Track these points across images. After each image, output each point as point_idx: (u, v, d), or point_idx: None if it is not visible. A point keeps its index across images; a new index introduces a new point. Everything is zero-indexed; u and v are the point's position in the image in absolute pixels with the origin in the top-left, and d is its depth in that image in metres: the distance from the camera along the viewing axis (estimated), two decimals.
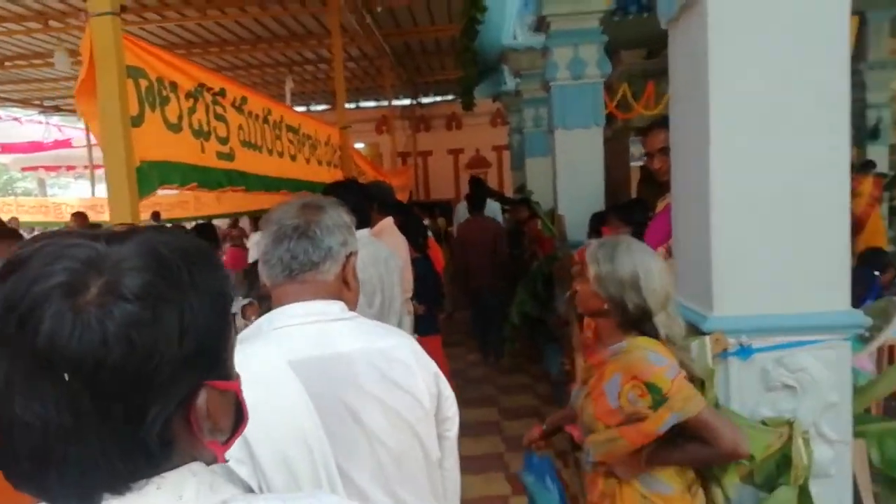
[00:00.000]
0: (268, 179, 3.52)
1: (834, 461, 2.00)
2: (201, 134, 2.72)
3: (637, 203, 4.19)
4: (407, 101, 12.62)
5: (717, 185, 1.94)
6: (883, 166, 10.08)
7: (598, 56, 5.27)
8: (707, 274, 1.99)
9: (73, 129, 12.72)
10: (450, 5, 7.06)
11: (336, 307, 1.23)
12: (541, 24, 5.51)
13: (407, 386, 1.19)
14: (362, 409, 1.15)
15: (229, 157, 3.00)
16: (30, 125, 11.75)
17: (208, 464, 0.60)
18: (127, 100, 2.05)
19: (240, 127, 3.14)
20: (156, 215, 10.14)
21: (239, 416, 0.64)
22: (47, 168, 14.82)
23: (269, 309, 1.24)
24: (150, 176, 2.21)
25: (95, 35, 1.96)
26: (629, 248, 1.69)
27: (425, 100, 13.65)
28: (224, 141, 2.95)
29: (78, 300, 0.52)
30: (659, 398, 1.54)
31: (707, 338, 1.93)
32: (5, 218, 9.84)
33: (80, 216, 6.59)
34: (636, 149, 11.92)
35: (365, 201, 2.70)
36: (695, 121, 2.04)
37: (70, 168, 14.78)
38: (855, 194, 8.42)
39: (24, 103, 10.79)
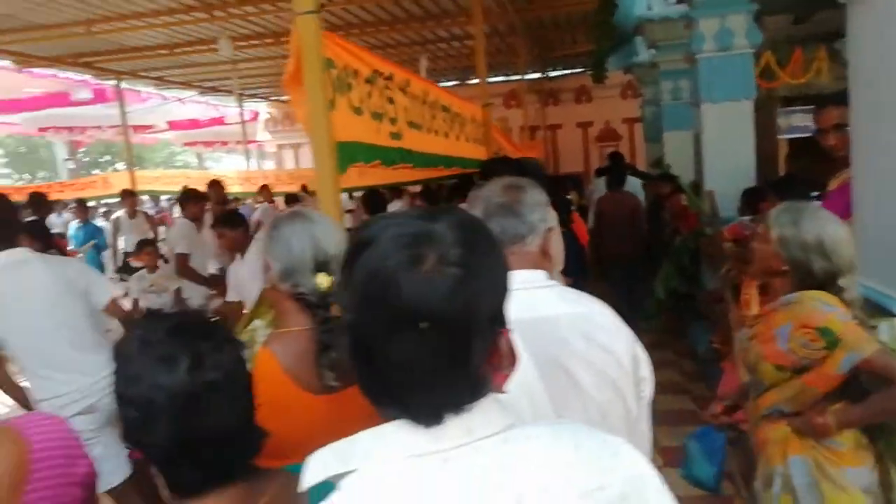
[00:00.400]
0: (428, 156, 3.74)
1: None
2: (377, 116, 2.95)
3: (796, 179, 4.01)
4: (536, 75, 12.54)
5: None
6: None
7: (746, 25, 5.02)
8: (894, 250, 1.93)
9: (226, 107, 13.83)
10: None
11: (540, 275, 1.36)
12: None
13: (608, 346, 1.30)
14: (571, 366, 1.27)
15: (398, 136, 3.22)
16: (191, 105, 12.92)
17: (496, 393, 0.76)
18: (327, 87, 2.29)
19: (405, 108, 3.35)
20: (303, 187, 10.89)
21: (513, 355, 0.78)
22: (205, 143, 16.28)
23: None
24: (344, 154, 2.45)
25: (301, 31, 2.20)
26: (814, 214, 1.73)
27: (554, 73, 13.49)
28: (394, 121, 3.17)
29: (422, 268, 0.67)
30: (832, 339, 1.60)
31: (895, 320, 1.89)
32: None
33: (216, 184, 7.66)
34: (783, 120, 11.14)
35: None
36: (881, 98, 1.97)
37: (223, 143, 16.14)
38: None
39: (187, 85, 11.88)
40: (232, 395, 0.96)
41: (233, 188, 11.54)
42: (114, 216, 8.30)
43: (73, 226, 9.02)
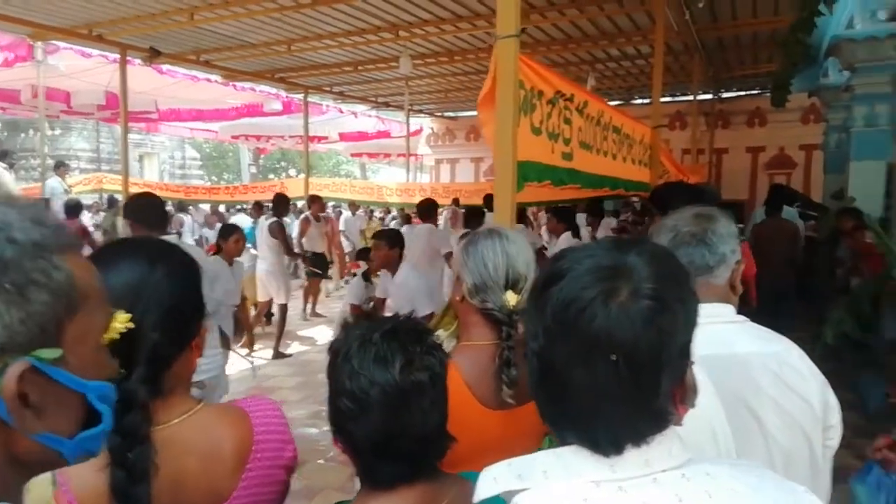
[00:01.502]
0: (595, 177, 3.78)
1: None
2: (553, 136, 3.06)
3: None
4: (707, 96, 11.99)
5: None
6: None
7: None
8: None
9: (392, 121, 14.70)
10: None
11: (727, 310, 1.35)
12: None
13: (799, 390, 1.27)
14: (759, 407, 1.26)
15: (569, 156, 3.30)
16: (362, 118, 13.89)
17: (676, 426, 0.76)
18: (517, 109, 2.43)
19: (580, 129, 3.42)
20: (455, 201, 11.32)
21: (694, 389, 0.78)
22: (370, 155, 17.41)
23: None
24: (521, 173, 2.58)
25: (500, 54, 2.37)
26: None
27: (727, 94, 12.80)
28: (567, 142, 3.25)
29: (616, 300, 0.69)
30: None
31: None
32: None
33: (314, 199, 8.44)
34: None
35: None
36: None
37: (386, 155, 17.14)
38: None
39: (362, 99, 12.79)
40: (434, 397, 1.01)
41: (390, 198, 12.24)
42: (301, 217, 9.10)
43: (249, 225, 9.93)
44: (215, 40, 8.20)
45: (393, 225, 12.38)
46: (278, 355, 7.18)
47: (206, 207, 13.67)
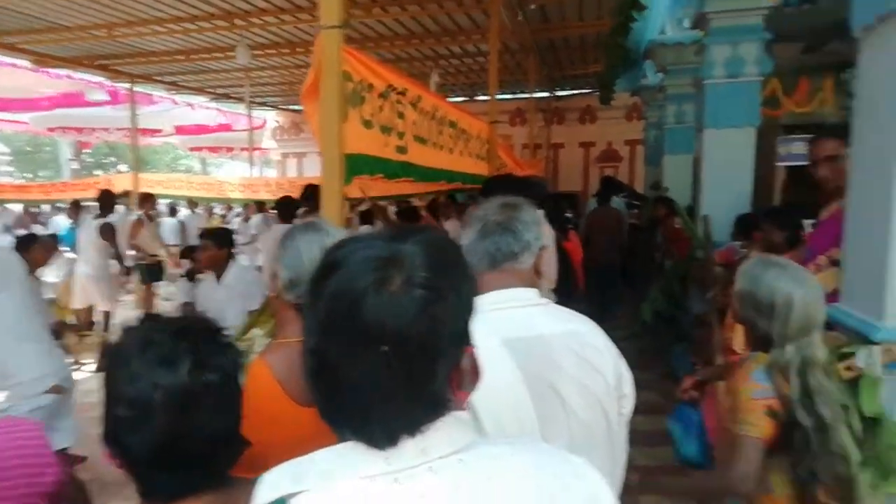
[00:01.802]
0: (430, 170, 3.83)
1: None
2: (386, 130, 3.05)
3: (792, 209, 4.09)
4: (543, 94, 12.69)
5: None
6: None
7: (757, 54, 5.12)
8: (881, 283, 2.02)
9: (234, 114, 13.99)
10: (600, 2, 7.08)
11: (532, 293, 1.41)
12: (699, 21, 5.42)
13: (598, 366, 1.35)
14: (562, 385, 1.31)
15: (404, 150, 3.31)
16: (200, 110, 13.07)
17: (457, 411, 0.77)
18: (344, 101, 2.39)
19: (414, 123, 3.45)
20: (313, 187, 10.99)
21: (476, 373, 0.79)
22: (210, 149, 16.43)
23: None
24: (350, 166, 2.55)
25: (324, 45, 2.31)
26: (779, 275, 1.72)
27: (561, 92, 13.64)
28: (401, 136, 3.27)
29: (388, 290, 0.68)
30: (734, 403, 1.69)
31: (876, 347, 1.97)
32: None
33: (146, 197, 8.07)
34: (783, 148, 11.24)
35: (521, 195, 2.91)
36: (881, 133, 2.06)
37: (229, 149, 16.28)
38: None
39: (199, 90, 12.04)
40: (224, 400, 0.96)
41: (233, 194, 11.64)
42: (132, 218, 8.37)
43: (66, 226, 9.02)
44: (20, 21, 7.29)
45: (236, 222, 11.80)
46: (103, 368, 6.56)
47: (15, 208, 12.16)
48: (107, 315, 6.75)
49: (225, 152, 17.31)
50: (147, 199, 8.46)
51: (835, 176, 2.61)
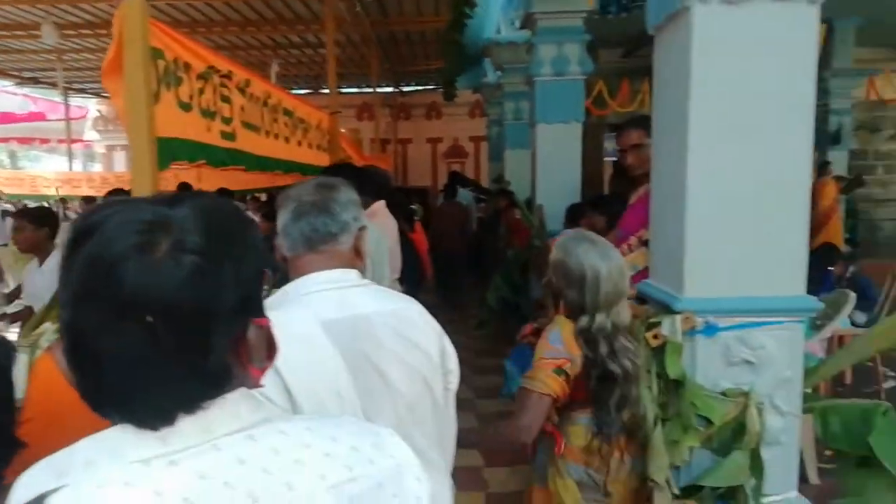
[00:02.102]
0: (264, 160, 3.65)
1: (784, 430, 2.25)
2: (208, 114, 2.85)
3: (612, 197, 4.43)
4: (389, 89, 12.72)
5: (693, 182, 2.16)
6: (842, 170, 10.56)
7: (580, 54, 5.48)
8: (680, 260, 2.21)
9: (48, 101, 12.51)
10: None
11: (352, 275, 1.37)
12: (527, 21, 5.70)
13: (418, 342, 1.35)
14: (383, 363, 1.29)
15: (231, 136, 3.13)
16: (5, 96, 11.54)
17: (250, 388, 0.72)
18: (152, 79, 2.18)
19: (242, 108, 3.26)
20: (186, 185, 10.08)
21: (271, 348, 0.74)
22: (20, 140, 14.58)
23: (282, 278, 1.38)
24: (165, 151, 2.34)
25: (125, 17, 2.09)
26: (588, 249, 1.86)
27: (407, 88, 13.76)
28: (228, 121, 3.08)
29: (153, 256, 0.61)
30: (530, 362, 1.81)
31: (678, 317, 2.15)
32: None
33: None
34: (610, 144, 12.23)
35: (360, 184, 2.86)
36: (675, 123, 2.25)
37: (44, 141, 14.56)
38: (819, 196, 8.85)
39: (2, 73, 10.61)
40: None
41: (48, 191, 10.45)
42: None
43: None
44: None
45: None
46: None
47: None
48: None
49: (39, 144, 15.45)
50: None
51: (640, 163, 2.83)
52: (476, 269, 8.32)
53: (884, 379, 4.55)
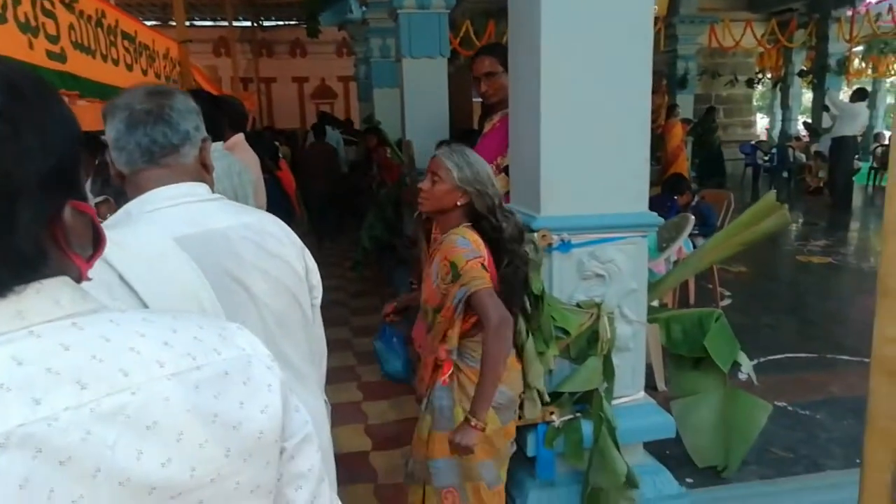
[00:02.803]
0: (103, 87, 3.29)
1: (632, 337, 2.45)
2: (28, 28, 2.51)
3: (480, 132, 4.48)
4: (247, 23, 11.91)
5: (546, 106, 2.24)
6: (688, 113, 11.45)
7: None
8: (536, 182, 2.30)
9: None
10: None
11: (202, 188, 1.28)
12: None
13: (280, 254, 1.30)
14: (247, 277, 1.24)
15: (61, 57, 2.79)
16: None
17: (77, 281, 0.66)
18: None
19: (71, 26, 2.90)
20: None
21: (97, 240, 0.69)
22: None
23: (125, 204, 1.27)
24: None
25: None
26: (475, 154, 1.98)
27: (267, 23, 12.97)
28: (54, 40, 2.73)
29: None
30: (455, 273, 1.83)
31: (536, 234, 2.25)
32: None
33: None
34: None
35: (218, 113, 2.67)
36: (528, 53, 2.29)
37: None
38: (669, 136, 9.55)
39: None
40: None
41: None
42: None
43: None
44: None
45: None
46: None
47: None
48: None
49: None
50: None
51: (493, 90, 2.84)
52: (351, 211, 8.25)
53: (721, 298, 5.09)
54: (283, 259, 1.30)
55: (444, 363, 1.95)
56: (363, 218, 6.67)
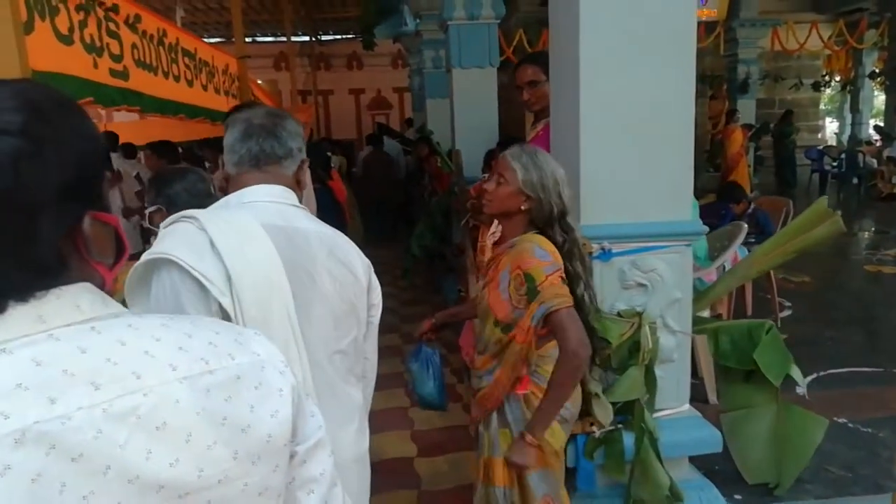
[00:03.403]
0: (164, 102, 3.47)
1: (676, 349, 2.39)
2: (94, 49, 2.68)
3: (521, 140, 4.47)
4: (306, 38, 12.26)
5: (586, 114, 2.23)
6: (750, 118, 11.07)
7: None
8: (577, 189, 2.27)
9: None
10: None
11: (292, 195, 1.42)
12: None
13: (348, 263, 1.39)
14: (317, 274, 1.34)
15: (123, 75, 2.96)
16: None
17: (100, 287, 0.69)
18: (19, 6, 2.02)
19: (133, 46, 3.08)
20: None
21: (120, 249, 0.72)
22: None
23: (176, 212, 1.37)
24: None
25: None
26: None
27: (325, 37, 13.31)
28: (118, 59, 2.90)
29: None
30: (533, 287, 1.72)
31: None
32: None
33: None
34: None
35: None
36: (568, 61, 2.29)
37: None
38: (728, 142, 9.28)
39: None
40: None
41: None
42: None
43: None
44: None
45: None
46: None
47: None
48: None
49: None
50: None
51: (536, 98, 2.83)
52: (405, 219, 8.39)
53: (781, 309, 4.90)
54: (350, 268, 1.39)
55: (523, 378, 1.87)
56: (415, 225, 6.73)
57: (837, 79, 14.41)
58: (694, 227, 2.32)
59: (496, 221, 2.07)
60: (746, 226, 3.76)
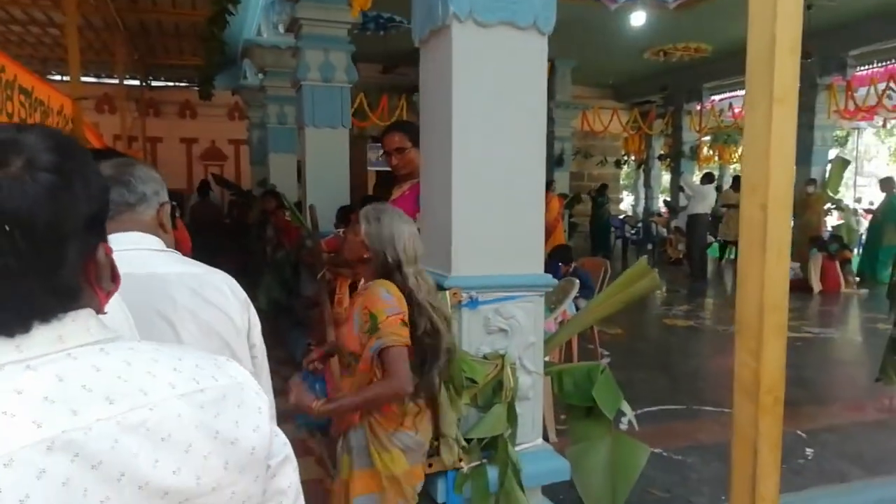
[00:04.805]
0: None
1: (531, 387, 2.70)
2: None
3: (377, 199, 4.71)
4: (135, 82, 11.62)
5: (457, 179, 2.50)
6: (565, 188, 12.43)
7: (346, 63, 5.71)
8: (447, 244, 2.53)
9: None
10: None
11: (152, 240, 1.38)
12: (293, 26, 5.77)
13: (218, 304, 1.37)
14: (176, 319, 1.31)
15: None
16: None
17: (97, 312, 0.76)
18: None
19: None
20: None
21: (115, 274, 0.80)
22: None
23: None
24: None
25: None
26: (391, 215, 2.13)
27: (156, 83, 12.71)
28: None
29: (7, 171, 0.65)
30: (374, 324, 1.96)
31: (447, 292, 2.46)
32: None
33: None
34: (373, 154, 12.75)
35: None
36: (440, 124, 2.57)
37: None
38: (547, 209, 10.29)
39: None
40: None
41: None
42: None
43: None
44: None
45: None
46: None
47: None
48: None
49: None
50: None
51: (404, 164, 3.12)
52: (243, 273, 8.12)
53: (601, 356, 5.52)
54: (221, 309, 1.37)
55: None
56: (253, 278, 6.60)
57: (633, 158, 16.68)
58: (546, 280, 2.66)
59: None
60: (578, 281, 4.28)
